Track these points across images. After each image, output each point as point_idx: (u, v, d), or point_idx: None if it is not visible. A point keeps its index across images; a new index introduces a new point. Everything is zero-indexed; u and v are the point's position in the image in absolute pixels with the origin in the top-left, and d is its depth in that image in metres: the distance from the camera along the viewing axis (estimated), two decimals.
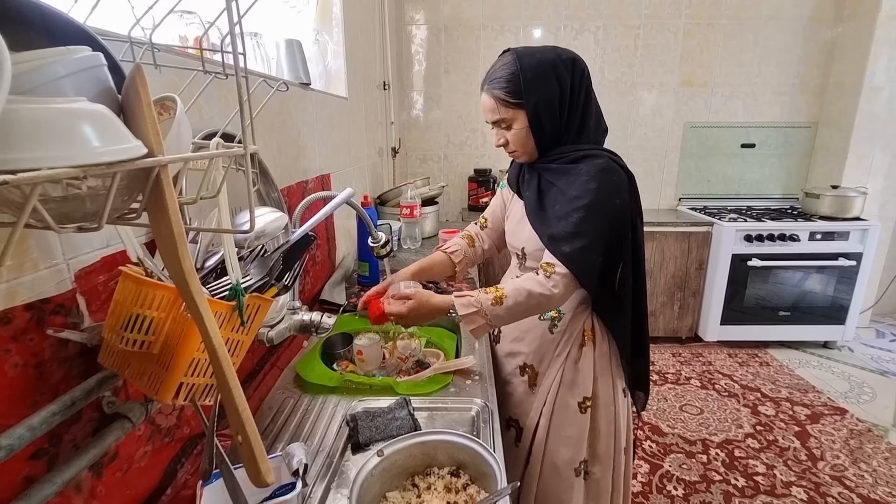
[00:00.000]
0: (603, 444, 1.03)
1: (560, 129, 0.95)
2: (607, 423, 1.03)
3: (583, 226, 0.89)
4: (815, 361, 2.70)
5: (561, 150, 0.96)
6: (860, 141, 2.77)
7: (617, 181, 0.91)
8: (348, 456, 0.80)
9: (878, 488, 1.75)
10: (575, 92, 0.93)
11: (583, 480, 1.04)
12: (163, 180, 0.34)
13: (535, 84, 0.91)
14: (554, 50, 0.94)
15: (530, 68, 0.91)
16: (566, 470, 1.03)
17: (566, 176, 0.93)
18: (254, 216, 0.45)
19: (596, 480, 1.04)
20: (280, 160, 1.11)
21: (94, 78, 0.37)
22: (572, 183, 0.91)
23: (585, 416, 1.02)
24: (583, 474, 1.04)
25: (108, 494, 0.56)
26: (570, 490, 1.03)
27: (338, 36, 1.72)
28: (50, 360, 0.49)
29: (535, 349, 1.07)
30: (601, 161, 0.91)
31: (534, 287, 0.91)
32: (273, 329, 0.83)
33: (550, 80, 0.91)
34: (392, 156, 2.76)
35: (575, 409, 1.02)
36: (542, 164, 0.99)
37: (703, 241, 2.73)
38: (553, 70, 0.91)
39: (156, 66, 0.53)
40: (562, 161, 0.95)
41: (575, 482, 1.03)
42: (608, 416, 1.02)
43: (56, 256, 0.50)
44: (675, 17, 2.85)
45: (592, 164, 0.91)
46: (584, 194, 0.89)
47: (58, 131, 0.27)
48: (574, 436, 1.02)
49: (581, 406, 1.02)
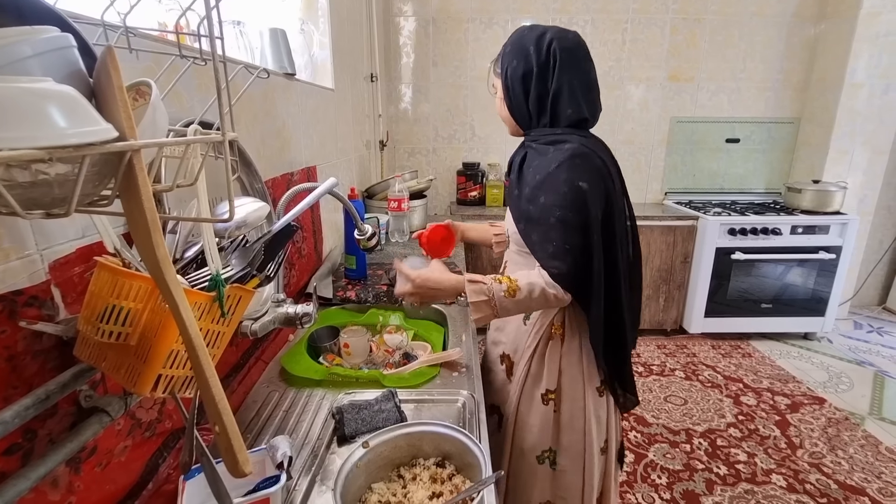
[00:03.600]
0: (567, 437, 1.03)
1: (529, 104, 0.95)
2: (573, 418, 1.02)
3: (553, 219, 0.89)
4: (795, 352, 2.76)
5: (542, 131, 0.96)
6: (841, 136, 2.83)
7: (574, 166, 0.89)
8: (334, 448, 0.80)
9: (855, 474, 1.80)
10: (542, 70, 0.92)
11: (549, 469, 1.05)
12: (135, 166, 0.33)
13: (509, 56, 0.95)
14: (544, 28, 0.95)
15: (512, 41, 0.96)
16: (530, 456, 1.05)
17: (539, 158, 0.94)
18: (233, 205, 0.44)
19: (563, 472, 1.05)
20: (264, 151, 1.09)
21: (63, 59, 0.36)
22: (541, 167, 0.92)
23: (548, 407, 1.03)
24: (548, 463, 1.05)
25: (86, 489, 0.55)
26: (534, 476, 1.05)
27: (324, 26, 1.69)
28: (23, 352, 0.48)
29: (512, 340, 1.08)
30: (570, 146, 0.90)
31: (547, 287, 0.90)
32: (257, 322, 0.82)
33: (521, 55, 0.93)
34: (380, 149, 2.74)
35: (538, 401, 1.03)
36: (527, 143, 1.00)
37: (688, 234, 2.76)
38: (535, 43, 0.92)
39: (130, 49, 0.51)
40: (540, 142, 0.96)
41: (539, 469, 1.05)
42: (574, 410, 1.02)
43: (29, 247, 0.48)
44: (663, 11, 2.87)
45: (559, 149, 0.91)
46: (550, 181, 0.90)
47: (21, 111, 0.26)
48: (536, 424, 1.04)
49: (544, 398, 1.03)
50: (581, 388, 1.01)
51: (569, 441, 1.03)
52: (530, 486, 1.06)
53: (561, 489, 1.05)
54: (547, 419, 1.03)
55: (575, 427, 1.02)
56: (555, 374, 1.01)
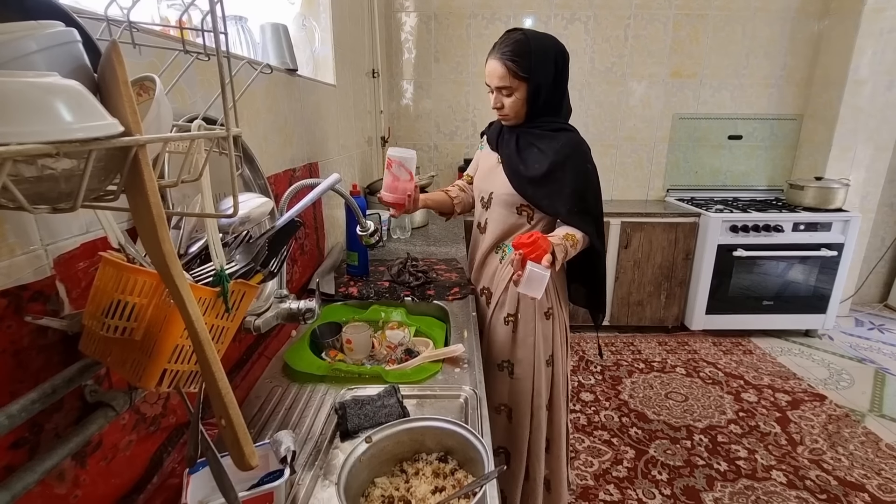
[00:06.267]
0: (521, 351, 1.30)
1: (548, 104, 1.19)
2: (525, 336, 1.29)
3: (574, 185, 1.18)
4: (796, 349, 2.76)
5: (542, 119, 1.21)
6: (844, 133, 2.82)
7: (587, 150, 1.21)
8: (337, 443, 0.80)
9: (854, 471, 1.80)
10: (563, 78, 1.18)
11: (507, 377, 1.33)
12: (141, 161, 0.34)
13: (540, 65, 1.13)
14: (554, 39, 1.17)
15: (539, 52, 1.12)
16: (493, 365, 1.35)
17: (546, 140, 1.19)
18: (237, 200, 0.45)
19: (517, 380, 1.32)
20: (266, 147, 1.09)
21: (67, 54, 0.36)
22: (552, 147, 1.18)
23: (508, 327, 1.31)
24: (506, 372, 1.33)
25: (91, 483, 0.55)
26: (496, 381, 1.34)
27: (325, 22, 1.68)
28: (29, 347, 0.48)
29: (491, 276, 1.35)
30: (575, 134, 1.21)
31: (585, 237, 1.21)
32: (260, 317, 0.82)
33: (550, 65, 1.14)
34: (381, 145, 2.74)
35: (501, 322, 1.31)
36: (523, 128, 1.23)
37: (689, 231, 2.76)
38: (554, 57, 1.14)
39: (134, 45, 0.51)
40: (544, 128, 1.21)
41: (498, 374, 1.34)
42: (527, 330, 1.29)
43: (34, 242, 0.49)
44: (665, 7, 2.85)
45: (569, 135, 1.20)
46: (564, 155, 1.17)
47: (27, 106, 0.26)
48: (498, 342, 1.33)
49: (506, 320, 1.31)
50: (533, 313, 1.28)
51: (522, 355, 1.30)
52: (492, 388, 1.32)
53: (514, 394, 1.32)
54: (507, 337, 1.31)
55: (527, 343, 1.29)
56: (514, 302, 1.29)
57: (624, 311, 2.91)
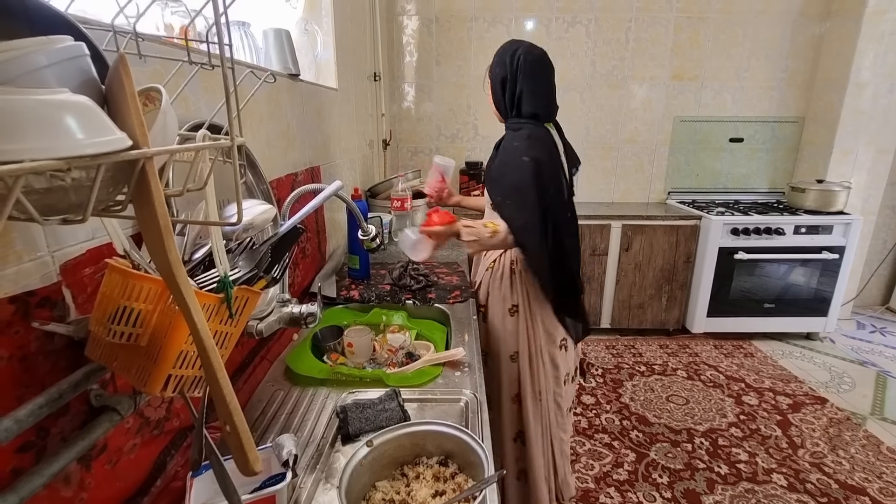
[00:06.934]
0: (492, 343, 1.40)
1: (504, 100, 1.29)
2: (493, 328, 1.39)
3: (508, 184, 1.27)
4: (797, 352, 2.76)
5: (511, 119, 1.31)
6: (845, 136, 2.82)
7: (528, 146, 1.23)
8: (338, 447, 0.81)
9: (855, 474, 1.80)
10: (511, 76, 1.26)
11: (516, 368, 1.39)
12: (148, 172, 0.34)
13: (498, 63, 1.28)
14: (519, 44, 1.27)
15: (500, 51, 1.29)
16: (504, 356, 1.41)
17: (507, 139, 1.31)
18: (241, 208, 0.45)
19: (490, 370, 1.40)
20: (269, 152, 1.10)
21: (76, 68, 0.36)
22: (506, 146, 1.29)
23: (481, 319, 1.40)
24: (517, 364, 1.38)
25: (97, 486, 0.56)
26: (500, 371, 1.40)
27: (327, 26, 1.69)
28: (36, 353, 0.49)
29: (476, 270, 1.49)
30: (523, 130, 1.27)
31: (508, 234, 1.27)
32: (262, 322, 0.83)
33: (501, 63, 1.27)
34: (383, 148, 2.74)
35: (506, 313, 1.38)
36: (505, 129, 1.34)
37: (690, 234, 2.76)
38: (511, 54, 1.25)
39: (140, 55, 0.52)
40: (510, 129, 1.32)
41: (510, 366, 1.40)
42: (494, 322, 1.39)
43: (41, 249, 0.49)
44: (666, 10, 2.86)
45: (520, 133, 1.27)
46: (506, 150, 1.29)
47: (40, 123, 0.27)
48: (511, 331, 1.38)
49: (510, 311, 1.37)
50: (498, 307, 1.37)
51: (491, 347, 1.40)
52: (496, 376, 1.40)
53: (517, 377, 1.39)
54: (482, 328, 1.39)
55: (494, 336, 1.38)
56: (485, 295, 1.40)
57: (625, 313, 2.91)
